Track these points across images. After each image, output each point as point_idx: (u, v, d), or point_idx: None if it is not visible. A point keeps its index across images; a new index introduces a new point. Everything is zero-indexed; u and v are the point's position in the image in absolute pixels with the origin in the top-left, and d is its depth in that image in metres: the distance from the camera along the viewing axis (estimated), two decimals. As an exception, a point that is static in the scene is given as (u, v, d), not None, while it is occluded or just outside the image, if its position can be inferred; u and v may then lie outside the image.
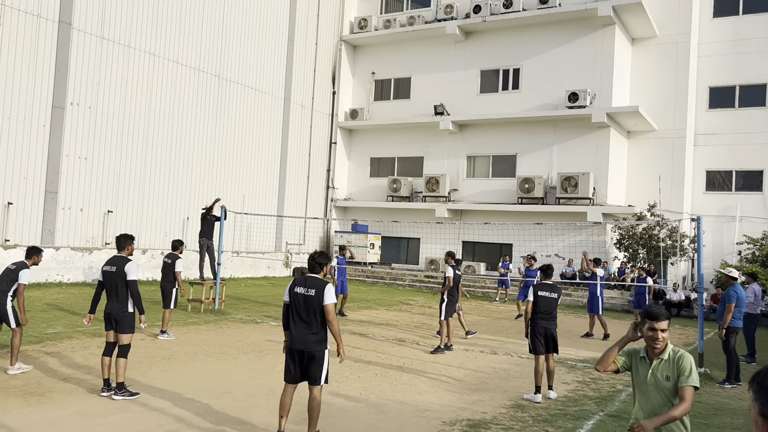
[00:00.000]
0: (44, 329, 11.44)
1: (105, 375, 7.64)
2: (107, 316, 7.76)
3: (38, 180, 18.35)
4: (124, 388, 7.53)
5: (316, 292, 6.19)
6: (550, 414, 7.87)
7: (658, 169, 25.95)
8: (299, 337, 6.19)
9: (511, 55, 26.83)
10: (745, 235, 24.18)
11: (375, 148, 30.01)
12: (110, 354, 7.69)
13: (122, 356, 7.59)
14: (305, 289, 6.23)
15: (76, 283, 18.65)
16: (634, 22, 25.34)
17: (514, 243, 25.56)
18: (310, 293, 6.20)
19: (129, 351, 7.74)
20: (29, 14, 17.99)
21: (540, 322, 8.82)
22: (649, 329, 4.26)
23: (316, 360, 6.20)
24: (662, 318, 4.19)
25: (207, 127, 23.55)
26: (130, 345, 7.76)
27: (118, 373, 7.51)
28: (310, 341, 6.17)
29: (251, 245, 25.10)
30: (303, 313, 6.20)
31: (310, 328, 6.18)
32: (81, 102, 19.36)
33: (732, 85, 26.16)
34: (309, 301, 6.19)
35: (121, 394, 7.47)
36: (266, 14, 26.05)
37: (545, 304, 8.87)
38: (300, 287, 6.26)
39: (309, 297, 6.20)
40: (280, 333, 12.73)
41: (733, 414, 8.42)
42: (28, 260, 8.76)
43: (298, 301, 6.23)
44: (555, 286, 9.03)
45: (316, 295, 6.18)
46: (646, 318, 4.25)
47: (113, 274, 7.74)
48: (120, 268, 7.71)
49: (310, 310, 6.19)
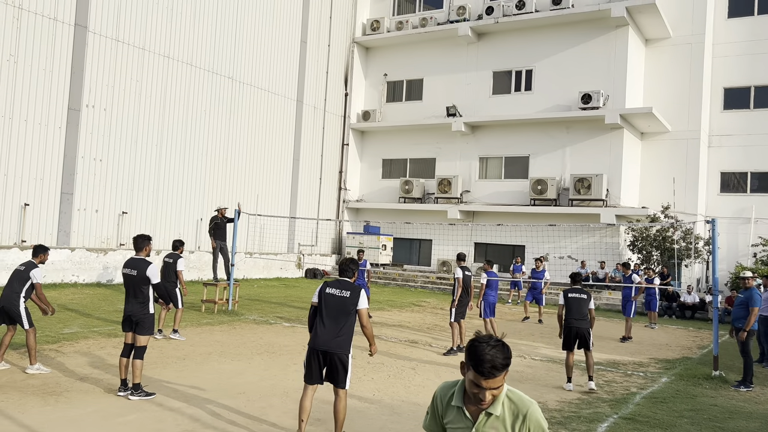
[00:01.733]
0: (60, 329, 11.57)
1: (122, 375, 7.72)
2: (127, 318, 7.80)
3: (54, 181, 18.55)
4: (141, 388, 7.60)
5: (351, 295, 6.23)
6: (564, 416, 7.86)
7: (672, 170, 25.79)
8: (324, 338, 6.17)
9: (524, 57, 26.77)
10: (761, 237, 23.98)
11: (387, 149, 30.06)
12: (128, 355, 7.75)
13: (138, 357, 7.64)
14: (339, 291, 6.25)
15: (91, 283, 18.83)
16: (647, 23, 25.21)
17: (526, 245, 25.49)
18: (344, 294, 6.23)
19: (145, 352, 7.81)
20: (46, 17, 18.20)
21: (573, 323, 9.55)
22: (473, 384, 2.85)
23: (341, 362, 6.18)
24: (497, 373, 2.78)
25: (220, 129, 23.69)
26: (146, 347, 7.83)
27: (134, 374, 7.57)
28: (335, 343, 6.16)
29: (264, 246, 25.21)
30: (333, 314, 6.19)
31: (338, 330, 6.17)
32: (96, 104, 19.55)
33: (747, 86, 25.96)
34: (342, 302, 6.21)
35: (138, 395, 7.54)
36: (279, 16, 26.18)
37: (576, 305, 9.59)
38: (333, 288, 6.28)
39: (344, 299, 6.22)
40: (293, 334, 12.79)
41: (748, 417, 8.36)
42: (35, 258, 8.80)
43: (330, 303, 6.23)
44: (583, 289, 9.81)
45: (351, 298, 6.22)
46: (470, 366, 2.83)
47: (133, 277, 7.78)
48: (141, 272, 7.75)
49: (342, 312, 6.19)
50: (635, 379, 10.41)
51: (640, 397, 9.16)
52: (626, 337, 15.02)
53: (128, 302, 7.80)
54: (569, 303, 9.61)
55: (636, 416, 8.02)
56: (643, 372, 11.14)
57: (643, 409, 8.44)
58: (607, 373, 10.79)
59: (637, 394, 9.34)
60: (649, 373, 11.10)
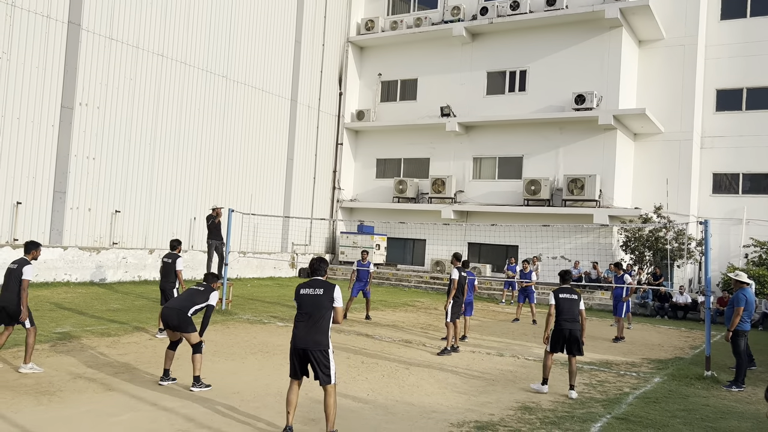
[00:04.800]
0: (53, 329, 11.52)
1: (166, 366, 8.32)
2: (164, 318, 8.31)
3: (47, 180, 18.46)
4: (200, 380, 8.11)
5: (324, 292, 6.46)
6: (558, 416, 7.89)
7: (664, 171, 25.92)
8: (302, 336, 6.39)
9: (518, 57, 26.84)
10: (752, 238, 24.13)
11: (381, 149, 30.06)
12: (174, 348, 8.37)
13: (197, 352, 8.16)
14: (313, 290, 6.49)
15: (84, 282, 18.75)
16: (641, 24, 25.31)
17: (520, 245, 25.55)
18: (318, 293, 6.47)
19: (202, 347, 8.24)
20: (39, 15, 18.10)
21: (564, 324, 9.23)
22: None
23: (322, 357, 6.37)
24: None
25: (214, 128, 23.64)
26: (201, 342, 8.25)
27: (194, 367, 8.13)
28: (313, 341, 6.36)
29: (257, 245, 25.17)
30: (308, 311, 6.41)
31: (314, 327, 6.37)
32: (89, 102, 19.47)
33: (739, 88, 26.11)
34: (317, 300, 6.44)
35: (198, 386, 8.06)
36: (273, 15, 26.13)
37: (568, 306, 9.26)
38: (307, 288, 6.52)
39: (318, 296, 6.45)
40: (287, 333, 12.78)
41: (740, 417, 8.42)
42: (28, 255, 8.73)
43: (305, 301, 6.46)
44: (573, 289, 9.48)
45: (326, 294, 6.45)
46: None
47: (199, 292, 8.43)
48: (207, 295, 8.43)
49: (316, 309, 6.40)
50: (628, 379, 10.46)
51: (633, 397, 9.20)
52: (619, 338, 15.09)
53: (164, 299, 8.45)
54: (560, 304, 9.26)
55: (629, 416, 8.06)
56: (636, 372, 11.19)
57: (636, 409, 8.49)
58: (600, 373, 10.84)
59: (630, 394, 9.38)
60: (642, 373, 11.15)
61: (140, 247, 20.93)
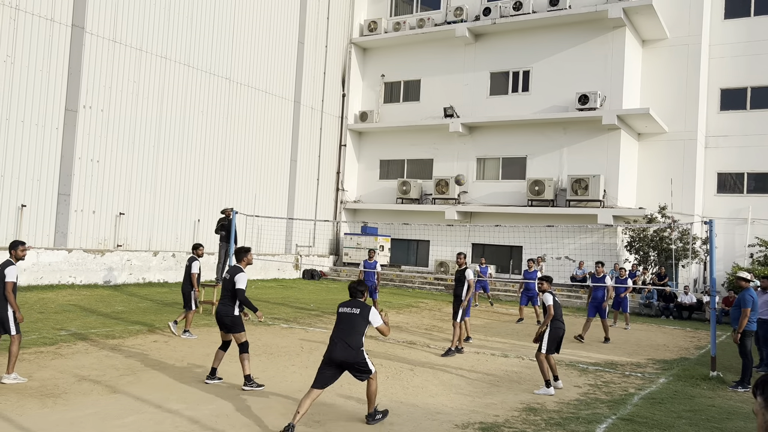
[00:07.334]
0: (58, 331, 11.54)
1: (214, 364, 8.57)
2: (218, 318, 8.52)
3: (51, 182, 18.51)
4: (251, 379, 8.29)
5: (361, 312, 7.07)
6: (563, 417, 7.86)
7: (668, 171, 25.85)
8: (339, 349, 6.87)
9: (521, 57, 26.81)
10: (757, 237, 24.05)
11: (384, 150, 30.06)
12: (225, 349, 8.61)
13: (244, 352, 8.36)
14: (350, 309, 7.12)
15: (89, 284, 18.79)
16: (644, 24, 25.26)
17: (524, 245, 25.52)
18: (355, 312, 7.07)
19: (248, 346, 8.48)
20: (43, 18, 18.16)
21: (560, 325, 9.46)
22: None
23: (359, 366, 6.95)
24: None
25: (218, 130, 23.67)
26: (247, 342, 8.47)
27: (243, 367, 8.30)
28: (351, 355, 6.87)
29: (261, 247, 25.18)
30: (346, 328, 6.96)
31: (351, 342, 6.91)
32: (93, 105, 19.52)
33: (743, 87, 26.02)
34: (353, 318, 7.03)
35: (249, 385, 8.23)
36: (276, 17, 26.17)
37: (559, 308, 9.52)
38: (345, 307, 7.16)
39: (354, 315, 7.05)
40: (291, 335, 12.78)
41: (746, 418, 8.38)
42: (11, 255, 8.32)
43: (342, 319, 7.05)
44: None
45: (362, 313, 7.05)
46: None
47: (227, 281, 8.57)
48: (232, 277, 8.50)
49: (353, 326, 6.97)
50: (633, 380, 10.43)
51: (638, 397, 9.17)
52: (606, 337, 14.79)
53: (221, 303, 8.51)
54: (556, 306, 9.42)
55: (634, 417, 8.03)
56: (641, 373, 11.15)
57: (642, 409, 8.46)
58: (605, 374, 10.81)
59: (635, 394, 9.35)
60: (647, 373, 11.11)
61: (145, 249, 20.96)
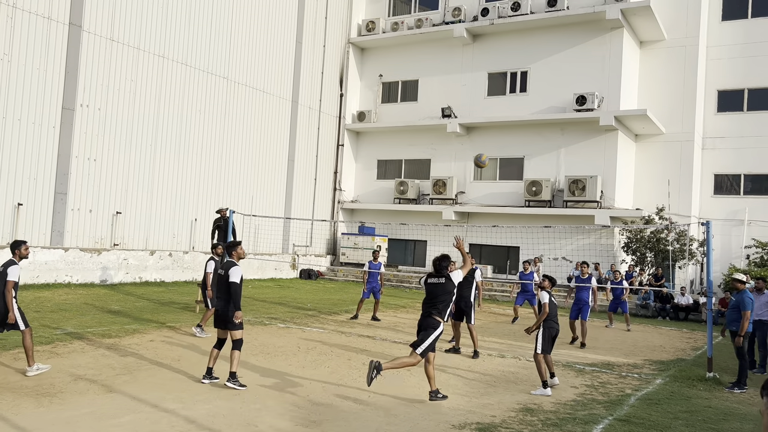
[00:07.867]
0: (54, 330, 11.51)
1: (210, 364, 8.48)
2: (216, 314, 8.47)
3: (48, 181, 18.47)
4: (236, 377, 8.24)
5: (446, 282, 8.32)
6: (560, 418, 7.86)
7: (666, 172, 25.89)
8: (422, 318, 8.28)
9: (519, 58, 26.83)
10: (754, 239, 24.09)
11: (382, 150, 30.06)
12: (219, 347, 8.52)
13: (236, 349, 8.31)
14: (437, 279, 8.39)
15: (85, 284, 18.74)
16: (642, 26, 25.30)
17: (521, 246, 25.54)
18: (440, 281, 8.35)
19: (242, 344, 8.43)
20: (40, 17, 18.12)
21: (554, 325, 9.50)
22: None
23: (431, 324, 8.11)
24: None
25: (215, 129, 23.64)
26: (242, 339, 8.43)
27: (231, 363, 8.25)
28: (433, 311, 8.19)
29: (258, 247, 25.16)
30: (433, 294, 8.29)
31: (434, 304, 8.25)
32: (91, 104, 19.47)
33: (740, 89, 26.09)
34: (439, 287, 8.32)
35: (232, 383, 8.18)
36: (275, 17, 26.15)
37: (554, 308, 9.56)
38: (432, 278, 8.42)
39: (439, 284, 8.32)
40: (288, 335, 12.77)
41: (742, 419, 8.39)
42: (14, 255, 8.53)
43: (429, 289, 8.36)
44: None
45: (447, 284, 8.31)
46: None
47: (221, 276, 8.45)
48: (226, 271, 8.40)
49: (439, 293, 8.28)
50: (630, 381, 10.44)
51: (634, 398, 9.17)
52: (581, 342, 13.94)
53: (218, 299, 8.44)
54: (552, 304, 9.49)
55: (631, 418, 8.03)
56: (638, 374, 11.16)
57: (638, 410, 8.46)
58: (601, 375, 10.82)
59: (631, 395, 9.36)
60: (644, 374, 11.12)
61: (141, 248, 20.93)
